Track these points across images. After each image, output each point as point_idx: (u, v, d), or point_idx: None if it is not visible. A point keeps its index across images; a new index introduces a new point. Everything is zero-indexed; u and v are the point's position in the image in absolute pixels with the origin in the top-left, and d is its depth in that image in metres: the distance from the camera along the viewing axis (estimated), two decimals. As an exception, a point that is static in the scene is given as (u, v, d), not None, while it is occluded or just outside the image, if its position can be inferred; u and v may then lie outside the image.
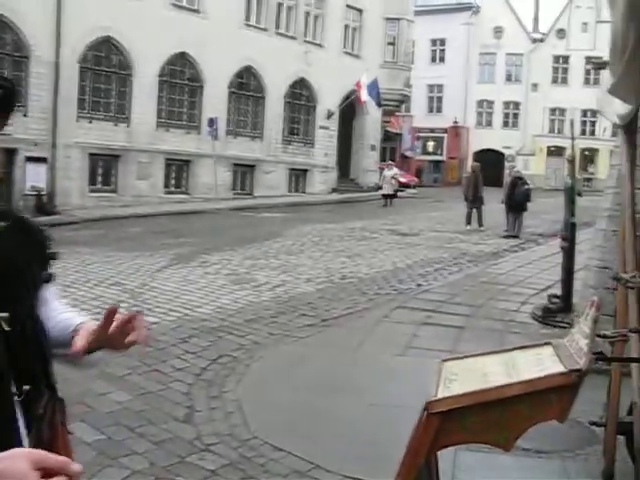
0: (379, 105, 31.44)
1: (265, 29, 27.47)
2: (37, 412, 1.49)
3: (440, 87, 49.94)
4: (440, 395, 2.44)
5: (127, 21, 21.81)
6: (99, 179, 22.54)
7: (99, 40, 21.89)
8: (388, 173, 27.26)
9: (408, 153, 45.08)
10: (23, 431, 1.45)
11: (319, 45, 30.00)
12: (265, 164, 27.79)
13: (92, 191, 22.08)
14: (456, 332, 7.48)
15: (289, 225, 18.42)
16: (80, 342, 1.55)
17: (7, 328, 1.44)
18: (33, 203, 18.60)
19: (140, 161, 23.23)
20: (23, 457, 1.16)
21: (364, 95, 29.77)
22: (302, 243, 15.04)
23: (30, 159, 19.23)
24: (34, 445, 1.43)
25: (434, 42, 49.72)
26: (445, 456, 3.20)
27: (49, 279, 1.71)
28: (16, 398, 1.44)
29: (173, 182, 24.80)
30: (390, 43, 34.71)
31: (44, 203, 19.25)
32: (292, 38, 28.71)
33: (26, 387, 1.46)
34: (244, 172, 27.28)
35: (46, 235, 1.74)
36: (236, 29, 25.77)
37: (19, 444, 1.41)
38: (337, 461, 4.32)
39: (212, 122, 24.13)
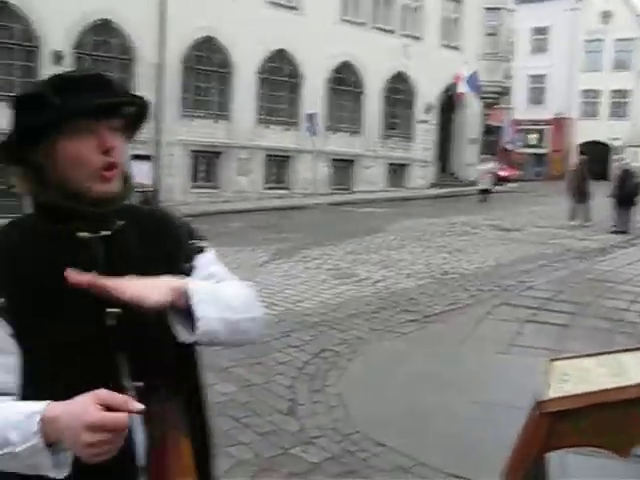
0: (479, 98, 30.78)
1: (363, 23, 27.43)
2: (153, 409, 1.47)
3: (542, 77, 48.36)
4: (552, 395, 2.37)
5: (227, 21, 22.33)
6: (201, 175, 23.13)
7: (200, 40, 22.49)
8: (484, 167, 26.62)
9: (509, 146, 44.02)
10: (137, 427, 1.46)
11: (417, 38, 29.68)
12: (364, 159, 27.79)
13: (194, 187, 22.69)
14: (561, 330, 7.25)
15: (389, 220, 18.35)
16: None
17: (110, 323, 1.47)
18: (140, 200, 19.28)
19: (240, 157, 23.69)
20: (90, 396, 1.23)
21: (462, 87, 29.24)
22: (403, 238, 14.95)
23: (135, 157, 19.92)
24: (149, 442, 1.47)
25: (536, 31, 48.08)
26: (552, 459, 3.11)
27: (189, 271, 1.66)
28: (129, 394, 1.45)
29: (273, 178, 25.16)
30: (490, 34, 33.92)
31: (150, 200, 19.91)
32: (390, 32, 28.54)
33: (139, 383, 1.48)
34: (343, 167, 27.37)
35: (185, 229, 1.72)
36: (333, 24, 25.87)
37: (131, 440, 1.43)
38: (440, 458, 4.29)
39: (311, 118, 24.30)
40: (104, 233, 1.51)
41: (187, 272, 1.65)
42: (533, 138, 48.74)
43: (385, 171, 28.93)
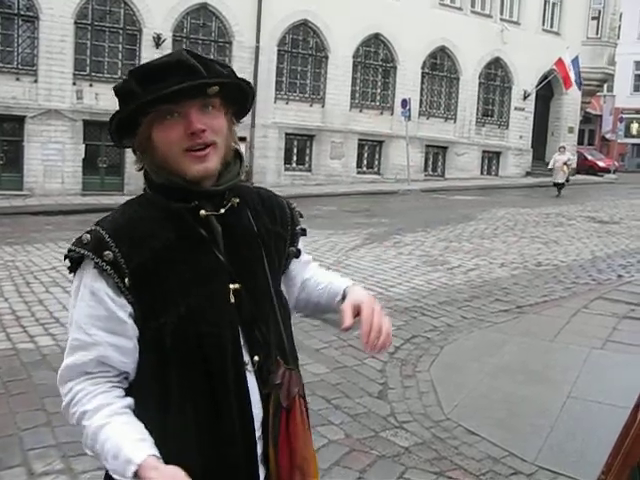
0: (579, 85, 29.74)
1: (460, 8, 26.95)
2: (274, 383, 1.57)
3: (650, 63, 46.28)
4: (660, 393, 2.33)
5: (323, 4, 22.43)
6: (294, 158, 23.36)
7: (296, 24, 22.64)
8: (560, 158, 23.54)
9: (609, 136, 42.45)
10: (256, 401, 1.55)
11: (516, 22, 28.93)
12: (457, 146, 27.42)
13: (287, 170, 22.95)
14: (662, 328, 7.03)
15: (482, 208, 18.08)
16: (347, 321, 1.63)
17: (232, 300, 1.55)
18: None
19: (334, 141, 23.78)
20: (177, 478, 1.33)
21: (572, 76, 28.20)
22: (496, 227, 14.73)
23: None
24: (272, 415, 1.55)
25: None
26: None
27: (298, 254, 1.80)
28: (248, 368, 1.55)
29: (365, 162, 25.16)
30: (594, 17, 32.68)
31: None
32: (488, 16, 27.94)
33: (256, 358, 1.56)
34: (436, 153, 27.10)
35: (292, 211, 1.81)
36: (430, 8, 25.54)
37: (250, 413, 1.54)
38: (533, 451, 4.25)
39: (405, 103, 24.11)
40: (222, 211, 1.58)
41: (293, 255, 1.78)
42: (635, 127, 46.77)
43: (479, 158, 28.45)
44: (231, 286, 1.55)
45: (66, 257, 1.52)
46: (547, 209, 18.57)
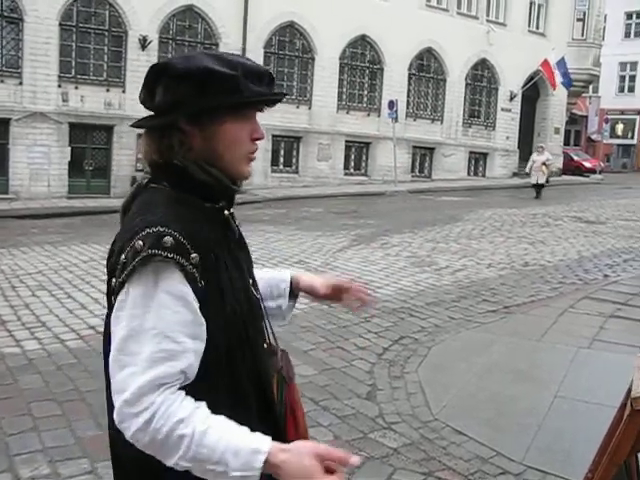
0: (568, 86, 29.84)
1: (446, 9, 27.07)
2: (277, 365, 1.74)
3: (634, 64, 46.37)
4: (646, 391, 2.33)
5: (309, 6, 22.47)
6: (281, 160, 23.35)
7: (283, 25, 22.66)
8: (538, 158, 22.74)
9: (594, 136, 42.73)
10: (273, 382, 1.72)
11: (502, 24, 29.06)
12: (444, 147, 27.49)
13: (274, 172, 22.94)
14: (648, 327, 7.07)
15: (469, 209, 18.16)
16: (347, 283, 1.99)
17: (257, 295, 1.73)
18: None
19: (321, 143, 23.80)
20: (310, 453, 1.33)
21: (557, 78, 28.34)
22: (483, 228, 14.78)
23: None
24: (276, 391, 1.70)
25: (629, 15, 46.21)
26: None
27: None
28: (280, 351, 1.78)
29: (352, 164, 25.19)
30: (579, 19, 32.90)
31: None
32: (474, 18, 28.07)
33: (268, 341, 1.76)
34: (423, 155, 27.16)
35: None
36: (417, 10, 25.63)
37: (271, 392, 1.68)
38: (521, 451, 4.26)
39: (392, 104, 24.16)
40: (231, 211, 1.66)
41: None
42: (620, 128, 47.08)
43: (466, 159, 28.55)
44: (250, 280, 1.69)
45: (146, 263, 1.41)
46: (534, 209, 18.66)
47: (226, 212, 1.62)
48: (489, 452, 4.25)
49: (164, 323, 1.40)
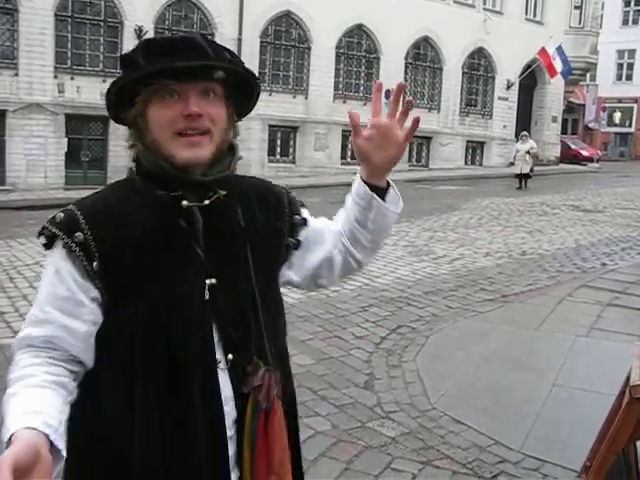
0: (567, 75, 29.72)
1: (443, -3, 26.99)
2: (253, 384, 1.51)
3: (632, 52, 46.07)
4: (644, 379, 2.34)
5: (305, -5, 22.33)
6: (278, 150, 23.31)
7: (279, 15, 22.57)
8: (522, 147, 22.05)
9: (592, 125, 42.64)
10: (228, 399, 1.49)
11: (499, 12, 28.97)
12: (441, 136, 27.45)
13: (271, 161, 22.90)
14: (646, 315, 7.08)
15: (466, 198, 18.15)
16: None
17: (207, 296, 1.48)
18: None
19: (317, 132, 23.75)
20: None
21: (556, 65, 28.24)
22: (480, 217, 14.77)
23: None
24: (249, 416, 1.49)
25: (627, 3, 45.89)
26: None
27: (297, 245, 1.72)
28: (221, 366, 1.49)
29: (350, 153, 25.12)
30: (577, 7, 32.79)
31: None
32: (471, 6, 27.95)
33: (230, 356, 1.50)
34: (420, 144, 27.12)
35: (291, 200, 1.75)
36: (413, -1, 25.55)
37: (218, 411, 1.48)
38: (519, 439, 4.27)
39: (388, 94, 23.90)
40: (205, 202, 1.52)
41: (293, 246, 1.71)
42: (617, 117, 47.00)
43: (463, 148, 28.52)
44: (207, 281, 1.49)
45: (39, 234, 1.52)
46: (531, 198, 18.66)
47: (185, 202, 1.49)
48: (487, 441, 4.27)
49: (41, 291, 1.49)
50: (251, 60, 21.68)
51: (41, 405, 1.31)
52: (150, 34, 19.71)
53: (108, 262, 1.44)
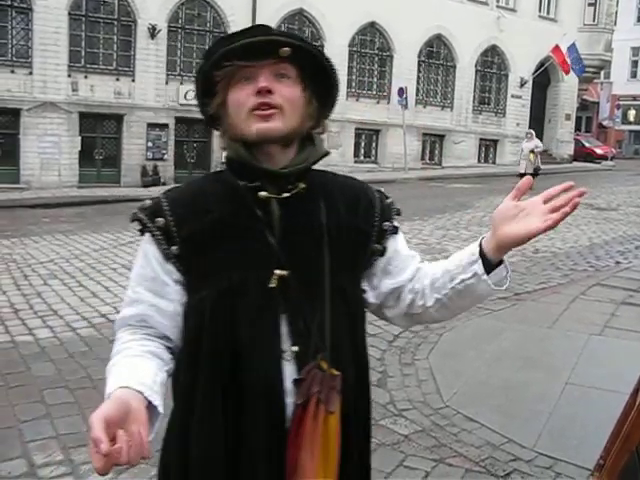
0: (580, 73, 29.56)
1: (456, -5, 26.92)
2: (304, 373, 1.48)
3: (647, 50, 46.01)
4: (658, 378, 2.33)
5: (318, -7, 22.32)
6: (291, 148, 23.31)
7: (292, 13, 22.64)
8: (526, 145, 20.89)
9: (606, 123, 42.39)
10: (291, 390, 1.48)
11: (512, 10, 28.89)
12: (455, 134, 27.39)
13: (285, 160, 22.89)
14: (660, 314, 7.03)
15: (479, 196, 18.11)
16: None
17: (275, 285, 1.48)
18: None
19: (330, 130, 23.62)
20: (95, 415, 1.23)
21: (569, 62, 28.11)
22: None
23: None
24: (297, 404, 1.47)
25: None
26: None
27: (383, 252, 1.66)
28: (286, 357, 1.48)
29: (362, 151, 25.15)
30: (591, 4, 32.57)
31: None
32: (484, 3, 27.90)
33: (295, 348, 1.49)
34: (433, 142, 27.08)
35: (383, 205, 1.70)
36: (427, -4, 25.50)
37: (278, 401, 1.47)
38: (532, 437, 4.26)
39: (402, 91, 24.06)
40: (284, 195, 1.53)
41: (378, 253, 1.65)
42: (632, 114, 46.66)
43: (476, 146, 28.45)
44: (277, 272, 1.49)
45: (132, 220, 1.58)
46: (544, 196, 18.54)
47: (262, 193, 1.51)
48: (500, 439, 4.25)
49: (133, 273, 1.59)
50: (263, 58, 21.74)
51: (136, 368, 1.42)
52: (163, 32, 19.82)
53: (187, 246, 1.51)
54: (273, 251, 1.50)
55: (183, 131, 20.74)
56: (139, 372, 1.39)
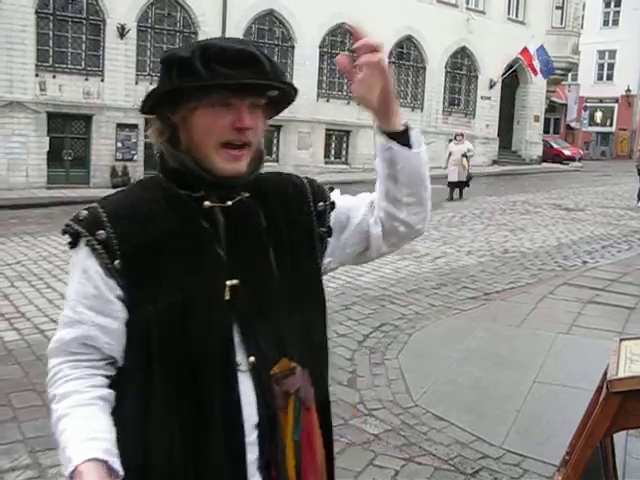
0: (550, 74, 29.89)
1: (426, -4, 27.07)
2: (296, 385, 1.49)
3: (612, 53, 46.30)
4: (622, 374, 2.37)
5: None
6: (262, 149, 23.26)
7: (262, 13, 22.54)
8: (456, 148, 18.69)
9: (574, 124, 42.89)
10: (249, 403, 1.45)
11: (481, 12, 29.12)
12: (425, 135, 26.90)
13: (255, 161, 22.83)
14: (625, 313, 7.12)
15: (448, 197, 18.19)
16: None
17: (227, 297, 1.46)
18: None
19: (301, 131, 23.74)
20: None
21: (536, 65, 28.43)
22: (463, 215, 14.85)
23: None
24: (292, 417, 1.47)
25: (607, 3, 46.18)
26: (616, 442, 3.10)
27: (329, 233, 1.66)
28: (241, 368, 1.46)
29: (333, 152, 25.18)
30: (558, 7, 32.95)
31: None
32: (454, 5, 28.07)
33: (252, 359, 1.46)
34: (403, 143, 27.16)
35: (314, 188, 1.70)
36: (396, -2, 25.61)
37: (237, 416, 1.45)
38: (500, 435, 4.31)
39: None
40: (228, 203, 1.51)
41: (325, 234, 1.65)
42: (599, 116, 47.26)
43: (446, 147, 28.55)
44: (228, 282, 1.46)
45: (64, 232, 1.50)
46: (513, 197, 18.78)
47: (207, 203, 1.48)
48: (469, 437, 4.30)
49: (70, 292, 1.49)
50: (234, 59, 21.67)
51: (95, 430, 1.37)
52: (133, 32, 19.64)
53: (130, 260, 1.43)
54: (222, 262, 1.48)
55: (153, 131, 20.55)
56: (98, 434, 1.36)
